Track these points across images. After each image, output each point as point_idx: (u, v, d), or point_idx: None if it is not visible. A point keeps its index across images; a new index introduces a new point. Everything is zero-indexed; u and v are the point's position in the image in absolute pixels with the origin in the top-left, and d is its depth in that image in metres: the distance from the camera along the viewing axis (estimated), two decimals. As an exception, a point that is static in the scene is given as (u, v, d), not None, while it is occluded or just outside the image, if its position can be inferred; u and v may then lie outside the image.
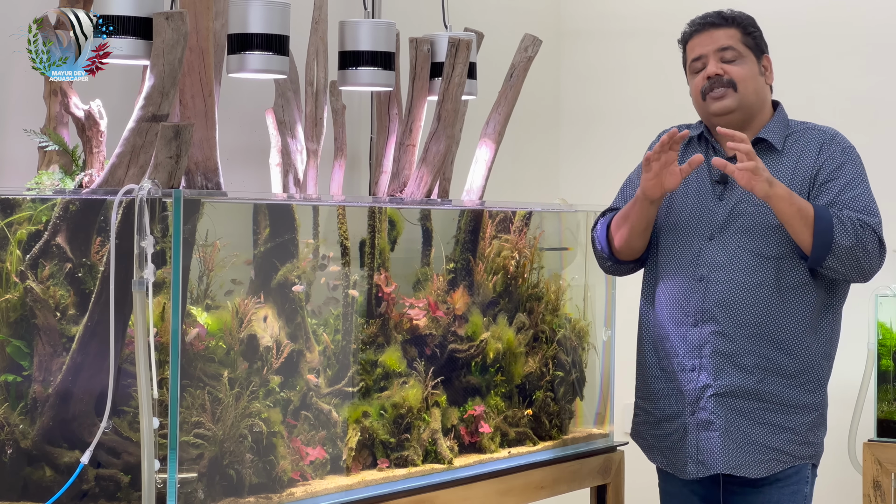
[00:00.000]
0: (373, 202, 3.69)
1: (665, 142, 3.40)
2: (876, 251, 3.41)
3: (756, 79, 3.55)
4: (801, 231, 3.37)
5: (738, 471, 3.47)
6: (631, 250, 3.62)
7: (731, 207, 3.51)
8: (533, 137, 5.48)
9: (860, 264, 3.39)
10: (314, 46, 3.62)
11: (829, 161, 3.49)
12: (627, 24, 5.62)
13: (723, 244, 3.50)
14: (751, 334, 3.46)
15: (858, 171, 3.50)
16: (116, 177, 2.92)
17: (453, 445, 3.60)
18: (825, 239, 3.35)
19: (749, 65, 3.54)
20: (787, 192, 3.36)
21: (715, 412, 3.47)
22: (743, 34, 3.55)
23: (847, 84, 5.15)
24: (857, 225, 3.37)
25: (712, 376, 3.47)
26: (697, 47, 3.57)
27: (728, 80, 3.50)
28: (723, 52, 3.52)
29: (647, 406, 3.65)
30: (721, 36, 3.54)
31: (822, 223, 3.35)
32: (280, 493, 3.10)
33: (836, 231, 3.35)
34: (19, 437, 2.93)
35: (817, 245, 3.36)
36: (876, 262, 3.42)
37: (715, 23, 3.56)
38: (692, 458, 3.51)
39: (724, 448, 3.46)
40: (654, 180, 3.45)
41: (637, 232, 3.57)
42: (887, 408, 4.62)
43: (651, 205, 3.51)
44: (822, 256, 3.37)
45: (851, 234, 3.35)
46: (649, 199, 3.49)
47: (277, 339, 3.16)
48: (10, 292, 2.96)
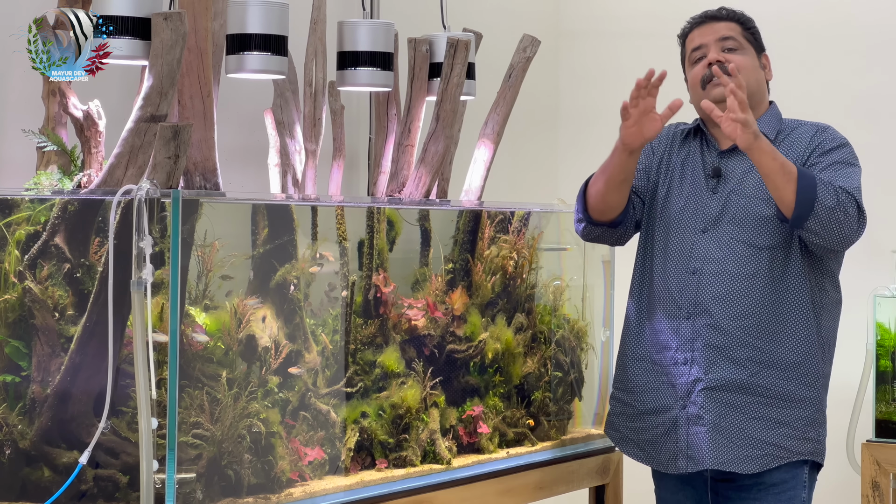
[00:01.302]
0: (371, 202, 3.69)
1: (642, 84, 3.39)
2: (855, 216, 3.36)
3: (757, 70, 3.56)
4: (783, 187, 3.31)
5: (728, 466, 3.45)
6: (606, 206, 3.56)
7: (724, 200, 3.51)
8: (531, 138, 5.48)
9: (841, 228, 3.34)
10: (313, 47, 3.62)
11: (819, 147, 3.49)
12: (626, 25, 5.62)
13: (716, 236, 3.50)
14: (745, 326, 3.45)
15: (847, 158, 3.48)
16: (115, 177, 2.92)
17: (452, 446, 3.60)
18: (808, 195, 3.29)
19: (750, 56, 3.56)
20: (771, 147, 3.32)
21: (704, 406, 3.46)
22: (743, 29, 3.58)
23: (847, 83, 5.15)
24: (837, 189, 3.34)
25: (703, 370, 3.47)
26: (697, 38, 3.59)
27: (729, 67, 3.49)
28: (724, 41, 3.55)
29: (627, 398, 3.63)
30: (722, 27, 3.57)
31: (805, 180, 3.31)
32: (279, 493, 3.10)
33: (819, 190, 3.30)
34: (18, 437, 2.93)
35: (800, 201, 3.30)
36: (855, 227, 3.37)
37: (716, 16, 3.60)
38: (682, 452, 3.50)
39: (712, 443, 3.45)
40: (633, 128, 3.41)
41: (614, 184, 3.51)
42: (886, 408, 4.62)
43: (630, 155, 3.45)
44: (804, 215, 3.31)
45: (833, 196, 3.31)
46: (629, 148, 3.44)
47: (276, 340, 3.16)
48: (9, 293, 2.96)
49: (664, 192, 3.61)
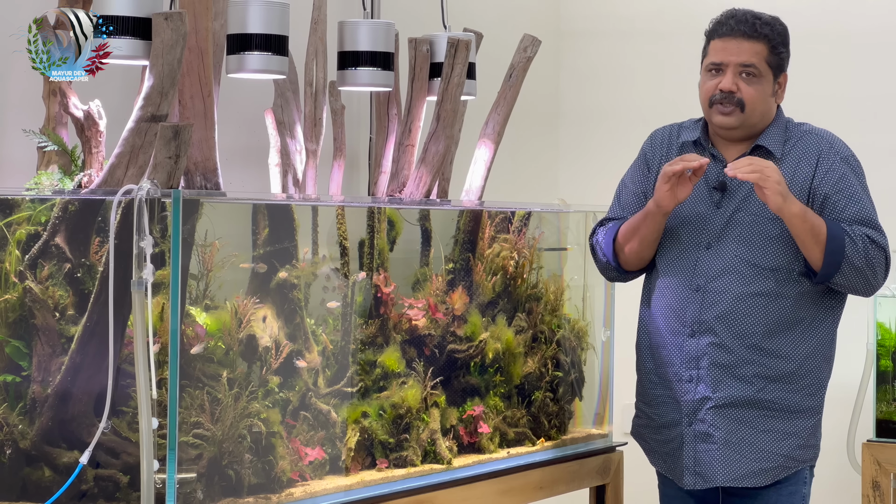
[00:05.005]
0: (372, 202, 3.69)
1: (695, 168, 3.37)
2: (883, 269, 3.42)
3: (766, 101, 3.48)
4: (811, 249, 3.37)
5: (741, 482, 3.45)
6: (640, 261, 3.60)
7: (728, 216, 3.49)
8: (532, 138, 5.48)
9: (867, 281, 3.41)
10: (313, 47, 3.62)
11: (830, 172, 3.45)
12: (626, 25, 5.62)
13: (720, 254, 3.48)
14: (749, 345, 3.44)
15: (860, 181, 3.48)
16: (115, 177, 2.92)
17: (452, 446, 3.60)
18: (836, 258, 3.35)
19: (764, 85, 3.46)
20: (801, 208, 3.34)
21: (714, 424, 3.45)
22: (770, 52, 3.46)
23: (847, 83, 5.15)
24: (867, 244, 3.37)
25: (711, 388, 3.46)
26: (721, 52, 3.46)
27: (738, 99, 3.43)
28: (744, 67, 3.44)
29: (648, 411, 3.63)
30: (747, 50, 3.44)
31: (833, 244, 3.34)
32: (279, 493, 3.10)
33: (848, 251, 3.35)
34: (18, 437, 2.93)
35: (827, 263, 3.36)
36: (882, 279, 3.44)
37: (747, 33, 3.44)
38: (689, 469, 3.49)
39: (724, 460, 3.45)
40: (669, 192, 3.42)
41: (648, 243, 3.55)
42: (886, 408, 4.62)
43: (664, 217, 3.49)
44: (830, 274, 3.37)
45: (862, 255, 3.36)
46: (663, 210, 3.46)
47: (276, 340, 3.16)
48: (10, 292, 2.96)
49: None
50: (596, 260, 3.70)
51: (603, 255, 3.64)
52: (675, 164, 3.39)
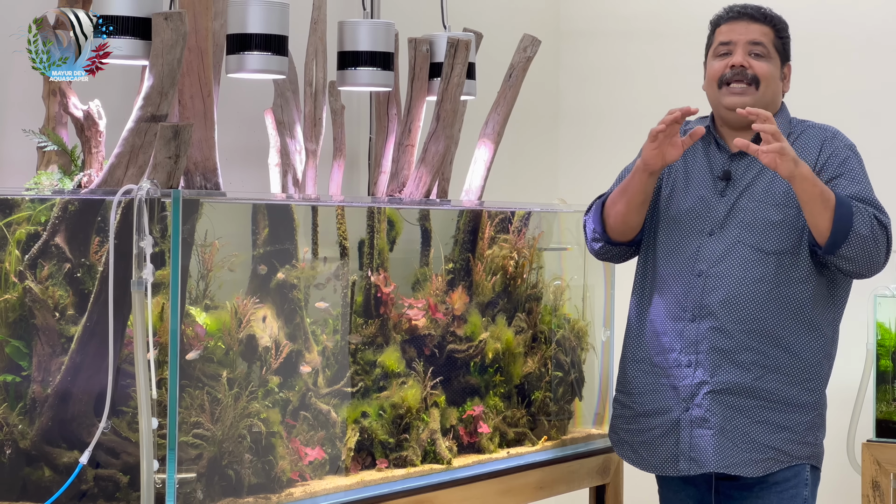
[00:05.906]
0: (372, 202, 3.69)
1: (678, 118, 3.39)
2: (885, 248, 3.41)
3: (776, 82, 3.53)
4: (819, 214, 3.34)
5: (732, 469, 3.46)
6: (626, 227, 3.59)
7: (732, 203, 3.51)
8: (532, 137, 5.48)
9: (871, 256, 3.38)
10: (313, 46, 3.62)
11: (833, 157, 3.49)
12: (626, 25, 5.62)
13: (722, 239, 3.49)
14: (749, 330, 3.45)
15: (862, 166, 3.51)
16: (115, 177, 2.92)
17: (452, 446, 3.60)
18: (844, 224, 3.33)
19: (774, 66, 3.52)
20: (811, 173, 3.34)
21: (710, 409, 3.46)
22: (776, 36, 3.54)
23: (847, 83, 5.15)
24: (872, 217, 3.37)
25: (709, 373, 3.47)
26: (729, 33, 3.54)
27: (752, 75, 3.47)
28: (753, 45, 3.51)
29: (626, 400, 3.63)
30: (755, 30, 3.52)
31: (842, 209, 3.34)
32: (279, 493, 3.10)
33: (856, 219, 3.34)
34: (18, 437, 2.93)
35: (836, 230, 3.34)
36: (884, 256, 3.42)
37: (753, 16, 3.54)
38: (684, 454, 3.50)
39: (717, 446, 3.46)
40: (656, 150, 3.43)
41: (634, 205, 3.54)
42: (886, 408, 4.62)
43: (650, 176, 3.49)
44: (838, 242, 3.34)
45: (868, 225, 3.35)
46: (650, 169, 3.46)
47: (276, 339, 3.16)
48: (9, 292, 2.96)
49: (668, 193, 3.60)
50: (585, 235, 3.70)
51: (591, 224, 3.65)
52: (660, 124, 3.41)
